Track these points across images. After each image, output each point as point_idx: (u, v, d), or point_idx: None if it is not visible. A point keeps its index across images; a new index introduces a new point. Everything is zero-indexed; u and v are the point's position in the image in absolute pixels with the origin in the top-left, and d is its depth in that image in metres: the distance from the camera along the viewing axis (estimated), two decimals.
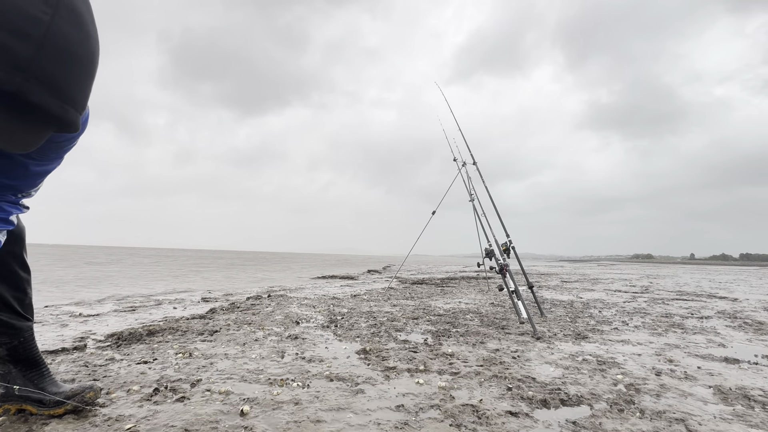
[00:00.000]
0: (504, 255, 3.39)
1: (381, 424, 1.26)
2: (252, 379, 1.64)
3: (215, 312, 3.41)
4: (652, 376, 1.83)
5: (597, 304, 4.58)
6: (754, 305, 4.84)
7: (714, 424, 1.33)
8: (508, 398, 1.51)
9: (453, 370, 1.84)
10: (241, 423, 1.22)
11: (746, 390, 1.65)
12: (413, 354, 2.09)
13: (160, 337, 2.35)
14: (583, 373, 1.84)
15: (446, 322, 3.10)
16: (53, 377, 1.34)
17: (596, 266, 27.40)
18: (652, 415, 1.38)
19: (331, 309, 3.69)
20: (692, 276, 13.60)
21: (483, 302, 4.45)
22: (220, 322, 2.89)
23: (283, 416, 1.28)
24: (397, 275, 10.15)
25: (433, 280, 8.52)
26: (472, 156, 4.54)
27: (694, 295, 6.08)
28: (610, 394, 1.56)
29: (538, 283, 8.02)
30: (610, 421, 1.32)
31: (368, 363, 1.93)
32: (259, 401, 1.40)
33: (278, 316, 3.23)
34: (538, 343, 2.42)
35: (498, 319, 3.28)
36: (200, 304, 4.19)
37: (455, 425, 1.26)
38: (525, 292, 5.01)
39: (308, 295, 5.08)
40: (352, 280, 8.85)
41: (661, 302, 4.88)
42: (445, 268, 16.94)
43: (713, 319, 3.60)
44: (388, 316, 3.35)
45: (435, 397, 1.49)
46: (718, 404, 1.51)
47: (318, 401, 1.42)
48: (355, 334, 2.56)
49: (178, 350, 2.06)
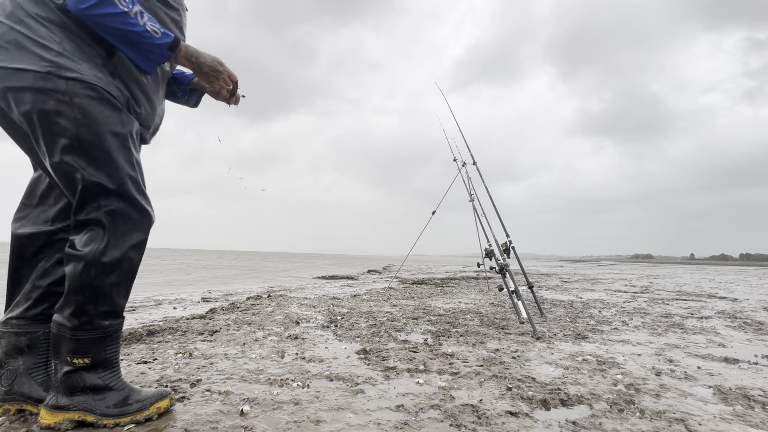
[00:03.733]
0: (504, 255, 3.39)
1: (381, 424, 1.26)
2: (252, 379, 1.64)
3: (215, 312, 3.41)
4: (652, 376, 1.83)
5: (597, 304, 4.58)
6: (754, 305, 4.84)
7: (714, 424, 1.33)
8: (508, 398, 1.51)
9: (453, 370, 1.84)
10: (241, 423, 1.22)
11: (746, 390, 1.65)
12: (413, 354, 2.09)
13: (160, 337, 2.35)
14: (583, 373, 1.84)
15: (446, 322, 3.10)
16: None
17: (596, 266, 27.41)
18: (652, 415, 1.38)
19: (331, 309, 3.69)
20: (692, 276, 13.60)
21: (483, 302, 4.45)
22: (220, 322, 2.89)
23: (283, 416, 1.28)
24: (397, 275, 10.15)
25: (433, 280, 8.53)
26: (472, 156, 4.53)
27: (694, 295, 6.08)
28: (610, 394, 1.56)
29: (538, 283, 8.02)
30: (610, 421, 1.32)
31: (368, 363, 1.93)
32: (259, 401, 1.40)
33: (278, 316, 3.23)
34: (538, 343, 2.42)
35: (498, 319, 3.28)
36: (200, 304, 4.19)
37: (455, 425, 1.26)
38: (525, 292, 5.01)
39: (308, 295, 5.08)
40: (352, 280, 8.86)
41: (661, 302, 4.88)
42: (445, 268, 16.94)
43: (713, 319, 3.60)
44: (388, 316, 3.35)
45: (435, 397, 1.49)
46: (718, 404, 1.51)
47: (318, 401, 1.42)
48: (355, 334, 2.56)
49: (178, 350, 2.06)
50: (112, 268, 1.15)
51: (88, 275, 1.12)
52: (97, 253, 1.12)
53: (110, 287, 1.15)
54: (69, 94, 1.07)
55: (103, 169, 1.12)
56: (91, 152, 1.11)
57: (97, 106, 1.11)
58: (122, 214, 1.17)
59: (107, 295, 1.15)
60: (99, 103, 1.11)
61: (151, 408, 1.21)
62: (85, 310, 1.13)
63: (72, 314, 1.12)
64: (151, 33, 1.13)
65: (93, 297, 1.13)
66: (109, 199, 1.15)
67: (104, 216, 1.14)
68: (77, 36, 1.11)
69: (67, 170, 1.11)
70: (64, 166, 1.10)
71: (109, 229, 1.15)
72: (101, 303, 1.15)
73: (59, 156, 1.09)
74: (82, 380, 1.15)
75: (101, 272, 1.13)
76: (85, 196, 1.13)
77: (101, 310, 1.15)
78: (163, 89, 1.36)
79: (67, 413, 1.13)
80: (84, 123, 1.09)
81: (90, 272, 1.12)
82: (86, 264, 1.12)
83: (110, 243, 1.14)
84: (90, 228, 1.15)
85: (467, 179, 4.54)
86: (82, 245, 1.13)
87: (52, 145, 1.09)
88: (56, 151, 1.09)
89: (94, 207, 1.14)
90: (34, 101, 1.05)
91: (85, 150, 1.10)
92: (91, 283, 1.12)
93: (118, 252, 1.16)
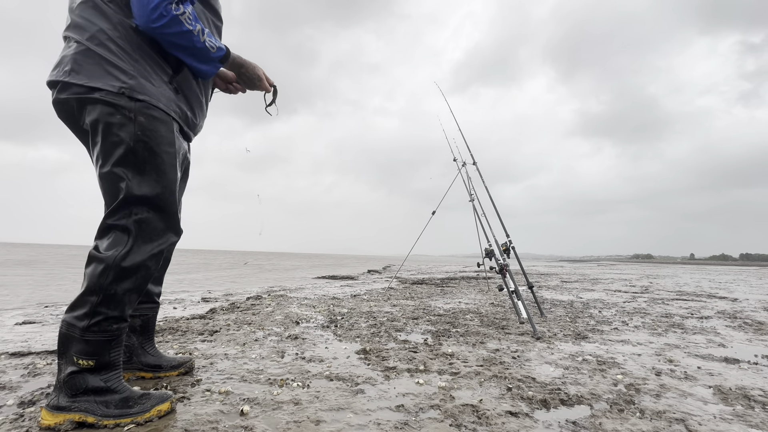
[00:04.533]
0: (504, 255, 3.38)
1: (381, 424, 1.26)
2: (252, 379, 1.64)
3: (215, 312, 3.41)
4: (652, 376, 1.83)
5: (597, 304, 4.58)
6: (754, 305, 4.84)
7: (714, 424, 1.33)
8: (508, 398, 1.51)
9: (453, 370, 1.84)
10: (241, 423, 1.22)
11: (746, 390, 1.65)
12: (413, 354, 2.09)
13: (160, 337, 2.35)
14: (583, 373, 1.84)
15: (446, 322, 3.10)
16: (157, 349, 1.67)
17: (596, 266, 27.41)
18: (652, 415, 1.38)
19: (331, 309, 3.69)
20: (692, 276, 13.60)
21: (483, 302, 4.45)
22: (220, 322, 2.89)
23: (283, 416, 1.28)
24: (397, 275, 10.15)
25: (433, 280, 8.53)
26: (472, 156, 4.53)
27: (694, 295, 6.08)
28: (610, 394, 1.56)
29: (538, 283, 8.02)
30: (610, 421, 1.32)
31: (368, 363, 1.93)
32: (259, 401, 1.40)
33: (278, 316, 3.23)
34: (538, 343, 2.42)
35: (498, 319, 3.28)
36: (200, 304, 4.19)
37: (455, 425, 1.26)
38: (525, 292, 5.01)
39: (308, 295, 5.08)
40: (352, 280, 8.85)
41: (661, 302, 4.88)
42: (445, 268, 16.94)
43: (713, 319, 3.60)
44: (388, 316, 3.35)
45: (435, 397, 1.49)
46: (718, 404, 1.51)
47: (318, 401, 1.42)
48: (355, 334, 2.56)
49: (178, 350, 2.06)
50: (129, 273, 1.19)
51: (107, 278, 1.16)
52: (118, 257, 1.17)
53: (124, 292, 1.19)
54: (134, 111, 1.20)
55: (148, 183, 1.23)
56: (141, 166, 1.22)
57: (156, 125, 1.24)
58: (150, 223, 1.23)
59: (120, 299, 1.19)
60: (159, 124, 1.24)
61: (152, 410, 1.22)
62: (98, 312, 1.16)
63: (84, 315, 1.15)
64: (209, 48, 1.30)
65: (107, 300, 1.17)
66: (141, 207, 1.22)
67: (133, 224, 1.21)
68: (149, 56, 1.25)
69: (115, 179, 1.21)
70: (112, 175, 1.21)
71: (135, 235, 1.21)
72: (113, 307, 1.18)
73: (110, 166, 1.20)
74: (85, 382, 1.16)
75: (119, 277, 1.17)
76: (122, 204, 1.20)
77: (111, 314, 1.18)
78: (209, 91, 1.54)
79: (68, 414, 1.13)
80: (141, 139, 1.21)
81: (108, 275, 1.16)
82: (106, 267, 1.16)
83: (133, 248, 1.20)
84: (115, 233, 1.20)
85: (467, 179, 4.55)
86: (105, 248, 1.19)
87: (107, 155, 1.20)
88: (110, 161, 1.20)
89: (126, 214, 1.20)
90: (102, 113, 1.18)
91: (137, 163, 1.21)
92: (108, 287, 1.16)
93: (139, 258, 1.21)
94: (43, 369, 1.71)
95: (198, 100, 1.44)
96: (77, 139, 1.35)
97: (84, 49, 1.19)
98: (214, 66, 1.36)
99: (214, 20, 1.45)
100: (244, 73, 1.49)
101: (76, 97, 1.19)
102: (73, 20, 1.23)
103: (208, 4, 1.41)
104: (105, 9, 1.21)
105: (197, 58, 1.30)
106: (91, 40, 1.19)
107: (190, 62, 1.31)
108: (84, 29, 1.20)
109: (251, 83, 1.53)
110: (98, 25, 1.20)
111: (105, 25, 1.20)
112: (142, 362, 1.58)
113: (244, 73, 1.49)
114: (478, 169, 4.40)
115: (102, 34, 1.20)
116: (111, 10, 1.22)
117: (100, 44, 1.19)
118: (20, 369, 1.72)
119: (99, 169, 1.23)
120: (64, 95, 1.21)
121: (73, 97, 1.19)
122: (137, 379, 1.58)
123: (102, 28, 1.20)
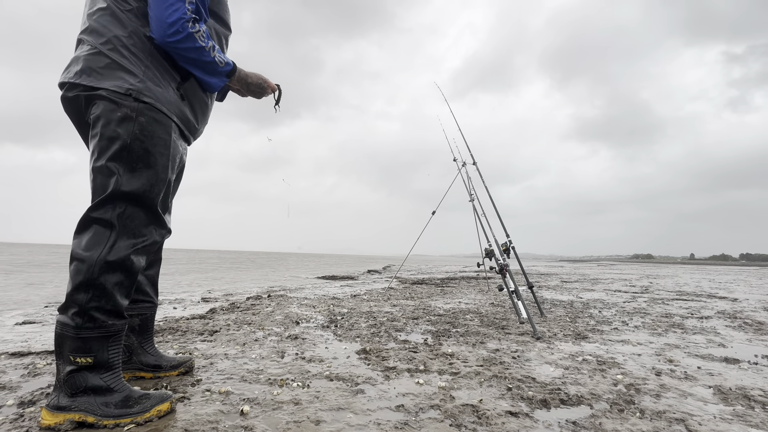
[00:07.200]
0: (504, 255, 3.38)
1: (381, 424, 1.26)
2: (252, 379, 1.64)
3: (215, 312, 3.41)
4: (652, 376, 1.83)
5: (597, 304, 4.58)
6: (754, 305, 4.84)
7: (714, 424, 1.33)
8: (508, 398, 1.51)
9: (453, 370, 1.84)
10: (241, 423, 1.22)
11: (746, 390, 1.65)
12: (413, 354, 2.09)
13: (160, 337, 2.35)
14: (583, 373, 1.84)
15: (446, 322, 3.10)
16: (157, 348, 1.67)
17: (596, 266, 27.41)
18: (652, 415, 1.38)
19: (331, 309, 3.69)
20: (692, 276, 13.60)
21: (483, 302, 4.45)
22: (220, 322, 2.89)
23: (283, 416, 1.28)
24: (397, 275, 10.15)
25: (433, 280, 8.53)
26: (472, 156, 4.53)
27: (694, 295, 6.08)
28: (610, 394, 1.56)
29: (538, 283, 8.02)
30: (610, 421, 1.32)
31: (368, 363, 1.93)
32: (259, 401, 1.40)
33: (278, 316, 3.23)
34: (538, 343, 2.42)
35: (498, 319, 3.28)
36: (200, 304, 4.19)
37: (455, 425, 1.26)
38: (525, 292, 5.01)
39: (308, 295, 5.08)
40: (352, 280, 8.85)
41: (661, 302, 4.88)
42: (445, 268, 16.94)
43: (713, 319, 3.60)
44: (388, 316, 3.35)
45: (435, 397, 1.49)
46: (718, 404, 1.51)
47: (318, 401, 1.42)
48: (355, 334, 2.56)
49: (178, 350, 2.06)
50: (114, 268, 1.20)
51: (92, 274, 1.17)
52: (102, 253, 1.18)
53: (113, 286, 1.20)
54: (137, 111, 1.24)
55: (138, 180, 1.25)
56: (134, 164, 1.24)
57: (155, 127, 1.28)
58: (134, 219, 1.24)
59: (110, 293, 1.19)
60: (158, 126, 1.28)
61: (152, 410, 1.22)
62: (89, 308, 1.16)
63: (76, 313, 1.16)
64: (218, 63, 1.37)
65: (97, 295, 1.17)
66: (127, 203, 1.23)
67: (116, 218, 1.22)
68: (160, 63, 1.31)
69: (106, 174, 1.23)
70: (105, 169, 1.23)
71: (118, 231, 1.22)
72: (105, 301, 1.19)
73: (105, 160, 1.23)
74: (85, 380, 1.16)
75: (104, 271, 1.18)
76: (109, 198, 1.21)
77: (105, 308, 1.19)
78: (213, 100, 1.60)
79: (68, 414, 1.13)
80: (139, 138, 1.24)
81: (93, 271, 1.17)
82: (90, 264, 1.17)
83: (117, 243, 1.21)
84: (96, 227, 1.21)
85: (467, 179, 4.54)
86: (85, 247, 1.19)
87: (104, 149, 1.23)
88: (105, 155, 1.23)
89: (110, 208, 1.21)
90: (106, 108, 1.22)
91: (130, 161, 1.24)
92: (95, 282, 1.17)
93: (123, 252, 1.21)
94: (43, 369, 1.71)
95: (202, 107, 1.49)
96: (79, 135, 1.38)
97: (97, 52, 1.24)
98: (220, 79, 1.43)
99: (224, 31, 1.52)
100: (251, 84, 1.56)
101: (85, 93, 1.24)
102: (90, 25, 1.28)
103: (217, 16, 1.47)
104: (122, 17, 1.28)
105: (206, 71, 1.38)
106: (105, 44, 1.25)
107: (200, 75, 1.38)
108: (100, 34, 1.26)
109: (259, 90, 1.60)
110: (114, 32, 1.26)
111: (120, 32, 1.26)
112: (141, 362, 1.59)
113: (251, 84, 1.56)
114: (478, 169, 4.40)
115: (117, 40, 1.26)
116: (128, 19, 1.28)
117: (114, 49, 1.25)
118: (20, 369, 1.72)
119: (93, 163, 1.25)
120: (72, 93, 1.26)
121: (82, 93, 1.24)
122: (137, 378, 1.58)
123: (117, 35, 1.26)
